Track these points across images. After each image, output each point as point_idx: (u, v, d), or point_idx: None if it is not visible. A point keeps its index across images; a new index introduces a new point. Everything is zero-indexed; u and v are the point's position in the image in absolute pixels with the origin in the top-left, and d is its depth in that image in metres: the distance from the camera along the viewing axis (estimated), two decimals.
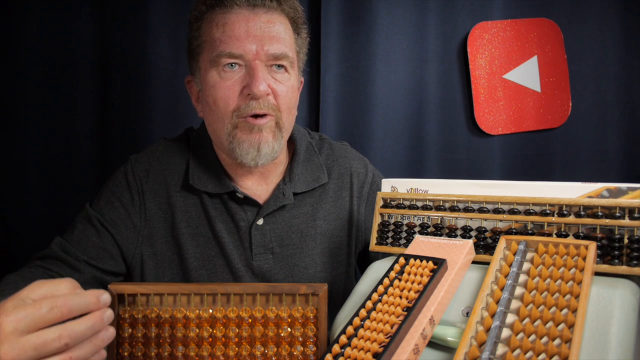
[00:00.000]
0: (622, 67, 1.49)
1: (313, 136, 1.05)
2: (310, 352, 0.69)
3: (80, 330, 0.52)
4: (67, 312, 0.51)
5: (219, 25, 0.83)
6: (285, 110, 0.87)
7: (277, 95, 0.85)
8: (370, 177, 1.03)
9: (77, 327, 0.52)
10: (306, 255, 0.96)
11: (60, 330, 0.51)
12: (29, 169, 1.36)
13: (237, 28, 0.82)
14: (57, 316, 0.51)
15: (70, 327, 0.51)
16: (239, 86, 0.84)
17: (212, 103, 0.85)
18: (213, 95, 0.85)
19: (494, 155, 1.48)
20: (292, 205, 0.95)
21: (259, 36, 0.83)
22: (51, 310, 0.51)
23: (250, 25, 0.83)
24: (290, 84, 0.87)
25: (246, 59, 0.83)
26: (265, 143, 0.85)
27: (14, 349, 0.49)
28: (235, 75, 0.84)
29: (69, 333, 0.51)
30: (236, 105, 0.84)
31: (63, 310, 0.51)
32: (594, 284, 0.55)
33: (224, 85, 0.84)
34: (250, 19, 0.83)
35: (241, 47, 0.82)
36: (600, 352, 0.49)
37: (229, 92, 0.83)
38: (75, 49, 1.35)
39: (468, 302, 0.61)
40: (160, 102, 1.37)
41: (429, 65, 1.44)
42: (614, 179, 1.28)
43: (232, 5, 0.83)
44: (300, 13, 0.90)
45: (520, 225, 0.68)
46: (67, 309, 0.51)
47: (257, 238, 0.92)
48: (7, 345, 0.49)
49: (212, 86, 0.84)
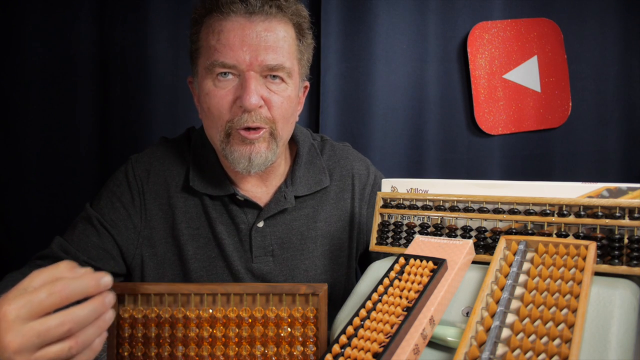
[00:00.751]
0: (622, 67, 1.49)
1: (315, 137, 1.04)
2: (310, 352, 0.69)
3: (82, 315, 0.52)
4: (65, 297, 0.52)
5: (215, 32, 0.81)
6: (280, 121, 0.85)
7: (272, 106, 0.83)
8: (372, 179, 1.03)
9: (80, 312, 0.52)
10: (306, 258, 0.95)
11: (63, 317, 0.51)
12: (29, 169, 1.36)
13: (232, 37, 0.80)
14: (57, 301, 0.51)
15: (73, 312, 0.52)
16: (231, 96, 0.82)
17: (207, 110, 0.85)
18: (207, 103, 0.84)
19: (494, 155, 1.48)
20: (292, 208, 0.94)
21: (254, 46, 0.80)
22: (50, 295, 0.51)
23: (246, 34, 0.80)
24: (287, 94, 0.85)
25: (240, 69, 0.81)
26: (257, 154, 0.84)
27: (17, 336, 0.49)
28: (229, 85, 0.82)
29: (72, 318, 0.51)
30: (229, 116, 0.83)
31: (62, 295, 0.51)
32: (594, 284, 0.55)
33: (218, 94, 0.82)
34: (246, 27, 0.80)
35: (234, 57, 0.80)
36: (600, 352, 0.49)
37: (222, 102, 0.82)
38: (75, 49, 1.35)
39: (468, 302, 0.61)
40: (160, 102, 1.37)
41: (429, 65, 1.44)
42: (614, 179, 1.28)
43: (229, 12, 0.80)
44: (306, 18, 0.87)
45: (520, 225, 0.68)
46: (66, 293, 0.52)
47: (258, 240, 0.92)
48: (11, 334, 0.49)
49: (207, 94, 0.83)
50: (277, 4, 0.81)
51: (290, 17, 0.84)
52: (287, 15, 0.83)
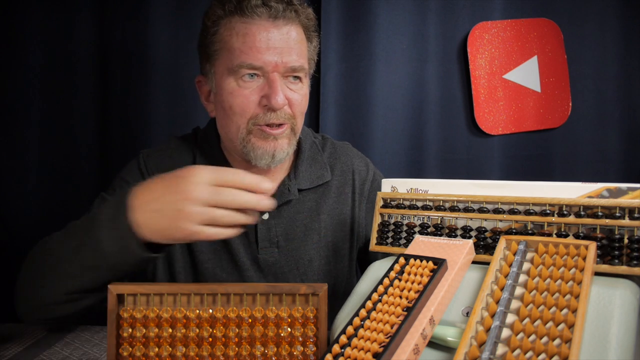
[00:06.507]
0: (622, 67, 1.48)
1: (316, 136, 1.07)
2: (310, 352, 0.69)
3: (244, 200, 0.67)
4: (237, 205, 0.67)
5: (240, 35, 0.84)
6: (299, 117, 0.90)
7: (293, 104, 0.88)
8: (372, 176, 1.06)
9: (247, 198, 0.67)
10: (310, 249, 0.98)
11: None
12: (29, 168, 1.36)
13: (258, 40, 0.83)
14: (233, 205, 0.67)
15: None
16: (257, 96, 0.85)
17: (228, 109, 0.87)
18: (230, 102, 0.86)
19: (494, 155, 1.48)
20: (296, 200, 0.97)
21: (279, 48, 0.84)
22: (230, 201, 0.66)
23: (271, 37, 0.83)
24: (304, 92, 0.90)
25: (265, 70, 0.84)
26: (281, 150, 0.88)
27: (202, 190, 0.65)
28: (254, 85, 0.85)
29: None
30: (253, 113, 0.86)
31: (235, 204, 0.67)
32: (594, 284, 0.55)
33: (242, 94, 0.85)
34: (270, 30, 0.84)
35: (261, 59, 0.83)
36: (600, 352, 0.49)
37: (247, 101, 0.85)
38: (76, 48, 1.35)
39: (468, 302, 0.61)
40: (160, 102, 1.37)
41: (429, 65, 1.44)
42: (614, 179, 1.29)
43: (253, 15, 0.83)
44: (314, 21, 0.91)
45: (520, 225, 0.68)
46: (239, 203, 0.67)
47: (263, 232, 0.94)
48: (198, 188, 0.65)
49: (230, 93, 0.86)
50: (295, 8, 0.86)
51: (302, 21, 0.88)
52: (302, 19, 0.88)
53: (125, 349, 0.68)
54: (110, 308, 0.68)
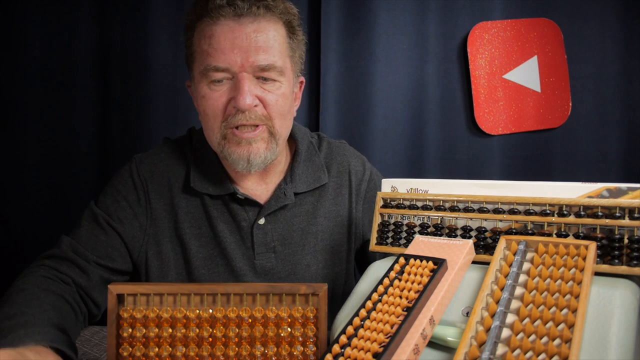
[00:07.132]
0: (622, 67, 1.48)
1: (312, 135, 1.06)
2: (310, 352, 0.69)
3: None
4: None
5: (206, 37, 0.83)
6: (277, 118, 0.87)
7: (267, 104, 0.85)
8: (368, 175, 1.04)
9: None
10: (308, 253, 0.96)
11: None
12: (29, 168, 1.36)
13: (222, 40, 0.82)
14: None
15: None
16: (226, 97, 0.84)
17: (203, 113, 0.87)
18: (203, 106, 0.86)
19: (494, 155, 1.48)
20: (293, 204, 0.95)
21: (244, 47, 0.81)
22: None
23: (236, 37, 0.82)
24: (282, 91, 0.86)
25: (232, 71, 0.83)
26: (256, 154, 0.86)
27: None
28: (224, 87, 0.84)
29: None
30: (223, 117, 0.85)
31: None
32: (594, 284, 0.55)
33: (212, 97, 0.84)
34: (235, 30, 0.82)
35: (226, 60, 0.82)
36: (600, 352, 0.49)
37: (217, 104, 0.84)
38: (75, 49, 1.35)
39: (468, 302, 0.61)
40: (160, 102, 1.37)
41: (429, 65, 1.45)
42: (614, 179, 1.28)
43: (218, 17, 0.82)
44: (295, 15, 0.88)
45: (520, 225, 0.68)
46: None
47: (259, 237, 0.93)
48: None
49: (203, 97, 0.85)
50: (265, 4, 0.83)
51: (280, 16, 0.86)
52: (276, 14, 0.85)
53: (125, 349, 0.68)
54: (110, 308, 0.68)
